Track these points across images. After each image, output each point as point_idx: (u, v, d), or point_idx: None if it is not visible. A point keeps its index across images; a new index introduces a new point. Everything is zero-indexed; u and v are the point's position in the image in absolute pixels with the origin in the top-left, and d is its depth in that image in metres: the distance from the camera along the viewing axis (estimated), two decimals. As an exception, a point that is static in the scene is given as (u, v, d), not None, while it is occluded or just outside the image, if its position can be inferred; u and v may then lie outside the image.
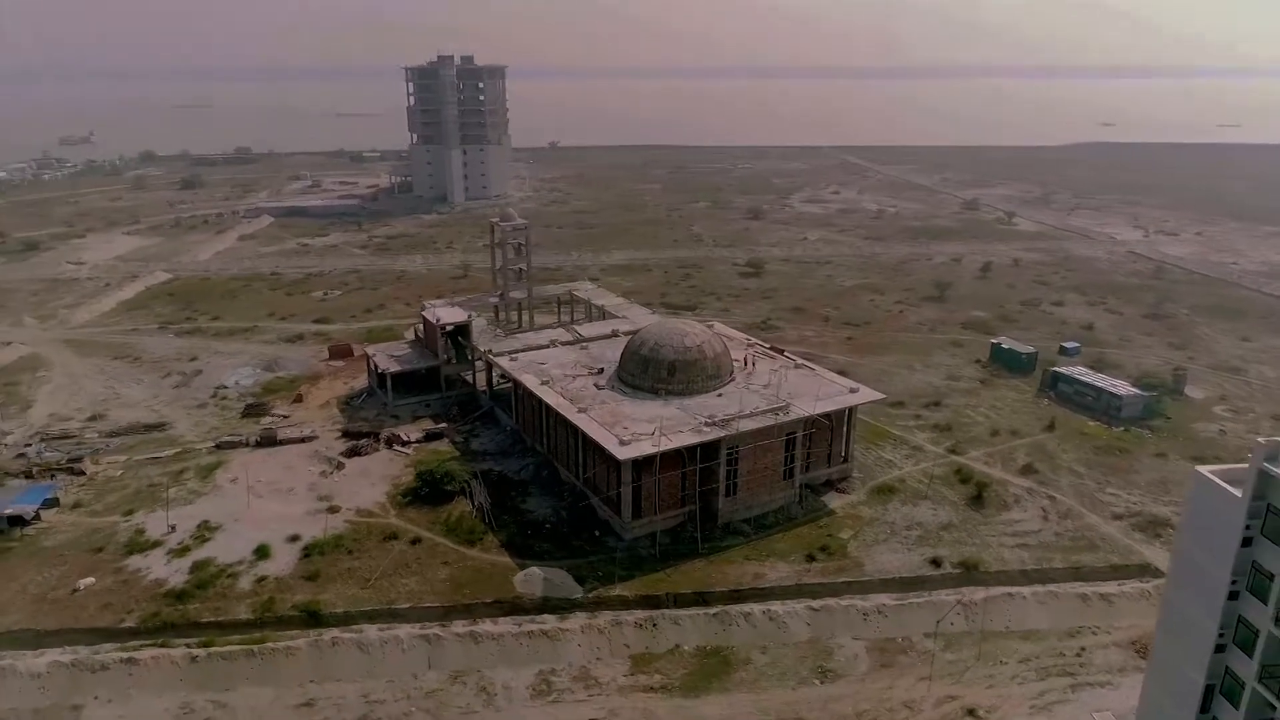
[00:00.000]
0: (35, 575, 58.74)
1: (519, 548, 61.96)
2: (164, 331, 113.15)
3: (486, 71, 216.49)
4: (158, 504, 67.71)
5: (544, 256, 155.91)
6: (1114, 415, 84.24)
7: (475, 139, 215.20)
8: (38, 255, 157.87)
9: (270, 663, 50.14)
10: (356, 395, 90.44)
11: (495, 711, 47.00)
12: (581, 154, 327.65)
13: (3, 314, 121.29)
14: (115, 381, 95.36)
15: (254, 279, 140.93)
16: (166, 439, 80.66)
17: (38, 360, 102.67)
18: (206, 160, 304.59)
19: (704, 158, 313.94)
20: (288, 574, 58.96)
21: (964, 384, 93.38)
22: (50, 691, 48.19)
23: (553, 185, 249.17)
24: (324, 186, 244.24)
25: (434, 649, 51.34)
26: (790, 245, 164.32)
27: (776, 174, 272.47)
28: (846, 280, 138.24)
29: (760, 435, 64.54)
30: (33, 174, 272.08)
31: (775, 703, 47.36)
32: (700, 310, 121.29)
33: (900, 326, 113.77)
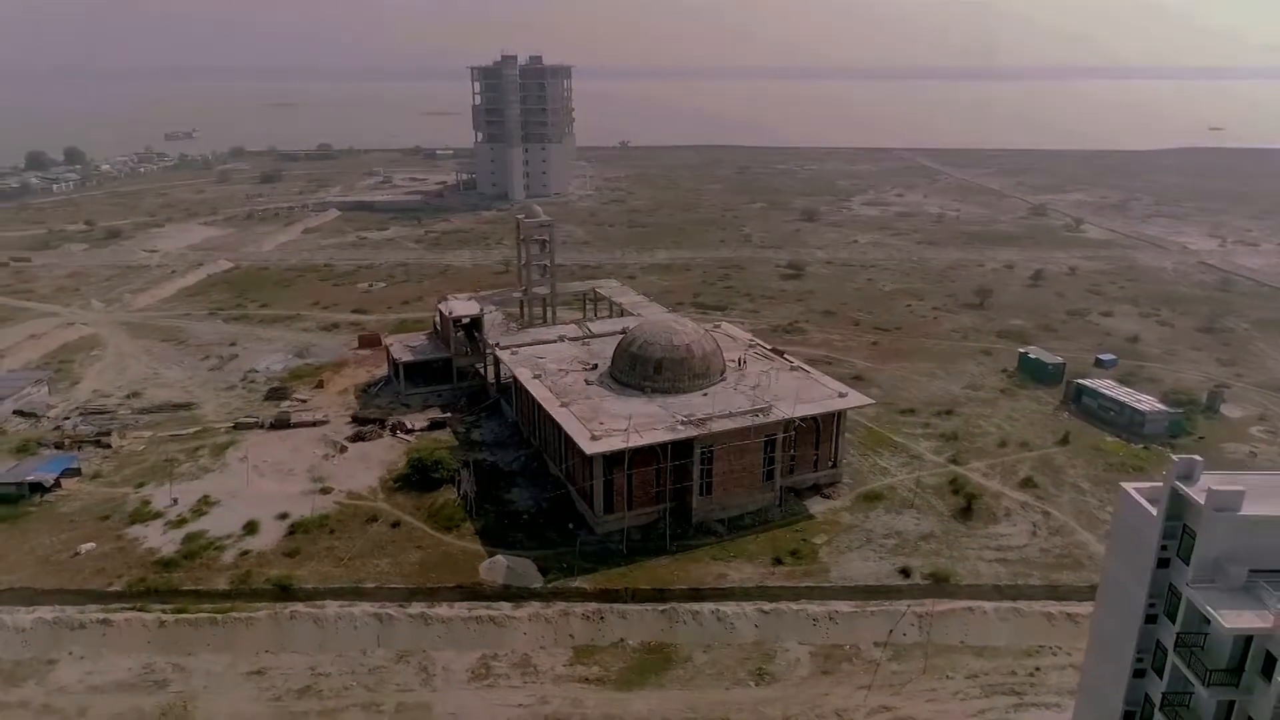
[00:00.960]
0: (44, 538, 63.07)
1: (493, 536, 63.34)
2: (213, 317, 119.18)
3: (550, 71, 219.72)
4: (169, 478, 71.73)
5: (587, 254, 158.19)
6: (1136, 431, 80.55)
7: (537, 137, 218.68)
8: (118, 243, 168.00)
9: (231, 631, 52.74)
10: (375, 383, 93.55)
11: (431, 691, 48.36)
12: (651, 154, 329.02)
13: (75, 296, 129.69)
14: (158, 362, 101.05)
15: (308, 270, 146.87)
16: (191, 418, 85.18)
17: (95, 340, 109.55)
18: (290, 156, 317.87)
19: (773, 158, 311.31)
20: (270, 549, 61.76)
21: (983, 393, 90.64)
22: (31, 645, 51.84)
23: (615, 184, 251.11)
24: (394, 182, 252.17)
25: (385, 628, 53.11)
26: (837, 248, 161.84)
27: (843, 176, 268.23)
28: (887, 284, 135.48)
29: (736, 436, 64.27)
30: (130, 168, 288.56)
31: (705, 702, 47.35)
32: (730, 311, 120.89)
33: (931, 333, 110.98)
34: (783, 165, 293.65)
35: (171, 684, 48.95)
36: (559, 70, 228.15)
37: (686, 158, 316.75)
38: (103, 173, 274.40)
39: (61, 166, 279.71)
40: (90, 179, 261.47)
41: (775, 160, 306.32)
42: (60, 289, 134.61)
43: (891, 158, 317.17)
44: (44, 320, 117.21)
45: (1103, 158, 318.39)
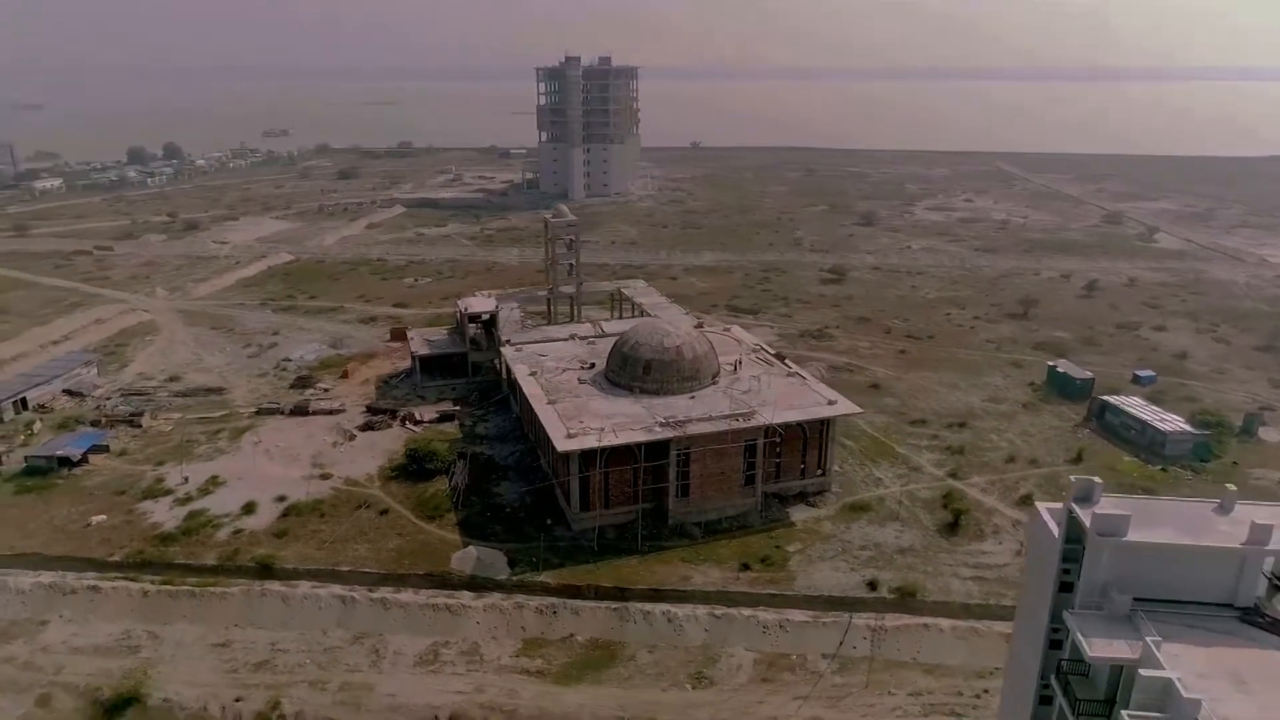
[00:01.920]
0: (63, 509, 67.70)
1: (473, 527, 64.99)
2: (263, 308, 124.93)
3: (614, 72, 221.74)
4: (182, 456, 75.95)
5: (634, 254, 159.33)
6: (1157, 452, 76.84)
7: (599, 138, 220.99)
8: (194, 235, 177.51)
9: (206, 604, 55.71)
10: (397, 375, 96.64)
11: (377, 673, 50.13)
12: (722, 155, 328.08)
13: (144, 284, 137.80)
14: (203, 349, 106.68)
15: (361, 264, 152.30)
16: (220, 402, 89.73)
17: (152, 326, 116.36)
18: (371, 153, 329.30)
19: (846, 161, 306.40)
20: (262, 529, 64.81)
21: (1004, 406, 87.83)
22: (29, 607, 55.86)
23: (679, 185, 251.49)
24: (463, 180, 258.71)
25: (346, 610, 55.21)
26: (888, 253, 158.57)
27: (916, 180, 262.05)
28: (930, 292, 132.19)
29: (714, 440, 64.21)
30: (221, 163, 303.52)
31: (637, 701, 47.71)
32: (762, 314, 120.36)
33: (964, 343, 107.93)
34: (855, 168, 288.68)
35: (143, 650, 52.06)
36: (624, 71, 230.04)
37: (758, 159, 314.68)
38: (196, 168, 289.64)
39: (160, 162, 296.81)
40: (183, 174, 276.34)
41: (848, 163, 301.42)
42: (133, 277, 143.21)
43: (971, 162, 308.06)
44: (111, 306, 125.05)
45: (1198, 164, 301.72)
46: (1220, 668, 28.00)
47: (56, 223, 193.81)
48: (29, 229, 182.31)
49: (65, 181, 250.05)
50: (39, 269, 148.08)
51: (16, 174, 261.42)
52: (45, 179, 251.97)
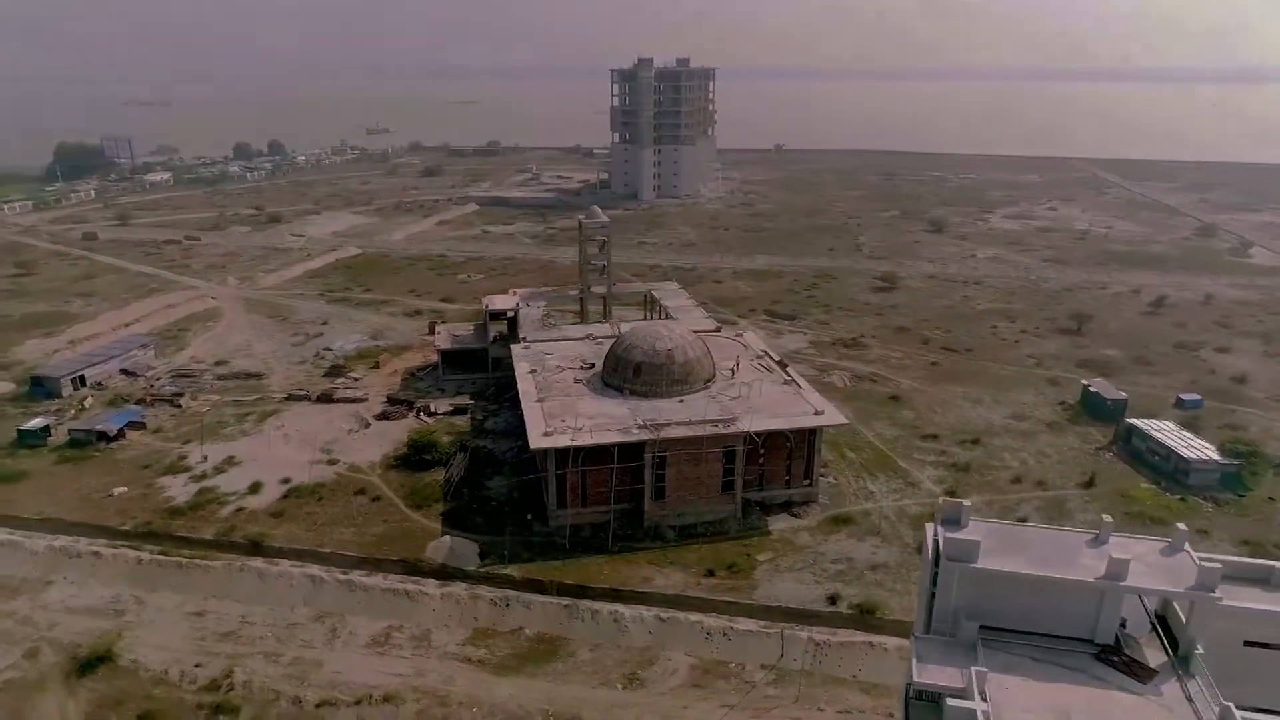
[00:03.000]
0: (92, 479, 73.14)
1: (456, 518, 67.05)
2: (320, 298, 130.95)
3: (687, 74, 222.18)
4: (206, 438, 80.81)
5: (687, 256, 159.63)
6: (1180, 481, 72.69)
7: (670, 139, 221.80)
8: (275, 227, 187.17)
9: (190, 575, 59.42)
10: (425, 368, 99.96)
11: (329, 651, 52.52)
12: (805, 157, 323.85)
13: (218, 273, 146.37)
14: (255, 335, 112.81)
15: (421, 259, 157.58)
16: (257, 386, 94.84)
17: (215, 313, 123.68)
18: (459, 152, 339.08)
19: (930, 165, 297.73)
20: (262, 509, 68.49)
21: (1026, 425, 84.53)
22: (38, 567, 60.78)
23: (752, 187, 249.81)
24: (540, 179, 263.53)
25: (315, 589, 57.93)
26: (949, 262, 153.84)
27: (1001, 186, 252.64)
28: (982, 303, 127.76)
29: (690, 444, 64.37)
30: (317, 160, 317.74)
31: (565, 696, 48.53)
32: (799, 321, 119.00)
33: (1003, 357, 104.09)
34: (938, 173, 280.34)
35: (127, 614, 55.99)
36: (699, 73, 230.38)
37: (840, 162, 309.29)
38: (294, 164, 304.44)
39: (263, 157, 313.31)
40: (280, 169, 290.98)
41: (932, 167, 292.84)
42: (211, 265, 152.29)
43: (1065, 168, 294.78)
44: (184, 292, 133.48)
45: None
46: (1050, 704, 27.05)
47: (158, 213, 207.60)
48: (131, 218, 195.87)
49: (174, 175, 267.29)
50: (131, 256, 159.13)
51: (132, 167, 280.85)
52: (157, 172, 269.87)
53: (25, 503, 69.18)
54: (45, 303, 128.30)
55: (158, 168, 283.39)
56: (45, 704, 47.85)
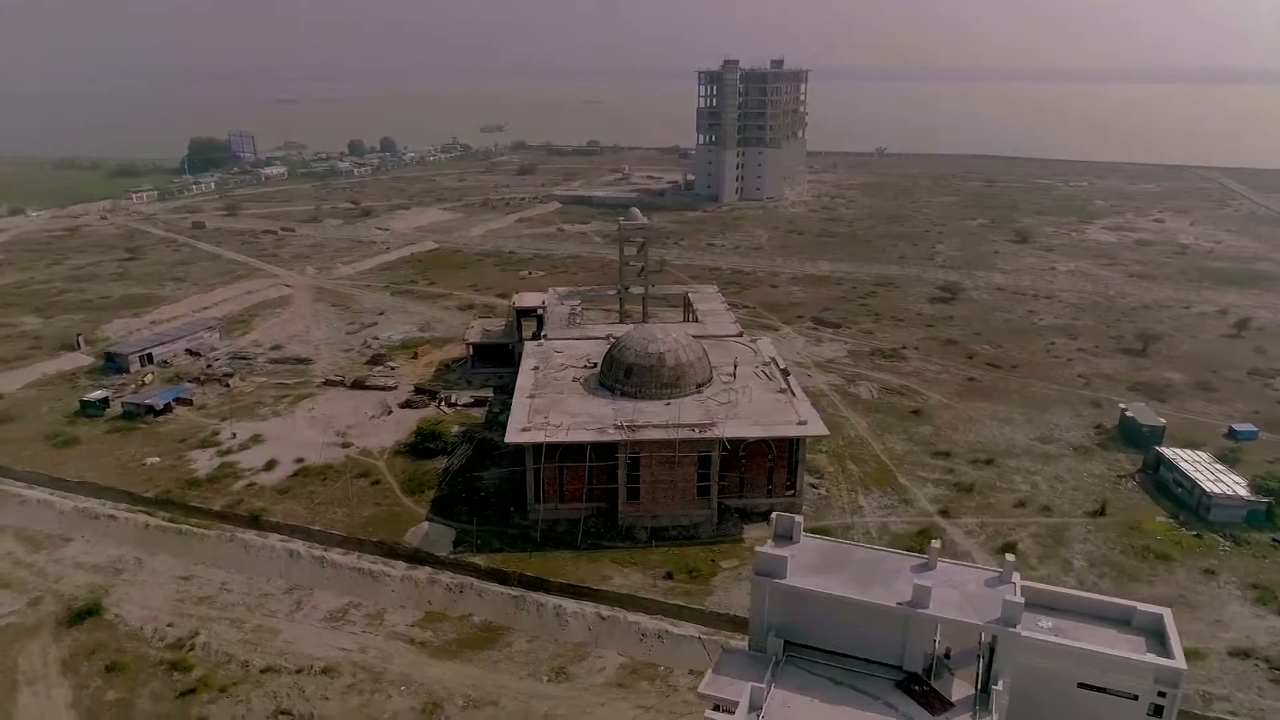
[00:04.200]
0: (132, 449, 79.67)
1: (443, 505, 69.65)
2: (384, 290, 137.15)
3: (774, 76, 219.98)
4: (247, 415, 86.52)
5: (751, 259, 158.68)
6: (1201, 515, 67.89)
7: (754, 141, 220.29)
8: (365, 221, 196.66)
9: (186, 542, 64.16)
10: (459, 361, 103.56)
11: (289, 622, 55.82)
12: (906, 162, 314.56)
13: (302, 262, 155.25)
14: (314, 323, 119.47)
15: (490, 255, 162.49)
16: (302, 371, 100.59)
17: (286, 300, 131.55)
18: (559, 151, 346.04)
19: (1037, 172, 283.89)
20: (271, 485, 73.01)
21: (1051, 447, 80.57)
22: (62, 524, 66.94)
23: (840, 192, 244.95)
24: (630, 180, 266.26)
25: (291, 563, 61.55)
26: (1024, 274, 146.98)
27: (1110, 195, 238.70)
28: (1046, 319, 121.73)
29: (664, 447, 64.75)
30: (421, 157, 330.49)
31: (490, 684, 50.03)
32: (843, 329, 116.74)
33: (1049, 375, 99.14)
34: (1044, 180, 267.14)
35: (125, 573, 61.09)
36: (789, 75, 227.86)
37: (944, 167, 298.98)
38: (402, 160, 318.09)
39: (373, 154, 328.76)
40: (385, 165, 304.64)
41: (1039, 174, 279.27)
42: (297, 255, 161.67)
43: (1188, 176, 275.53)
44: (264, 280, 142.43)
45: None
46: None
47: (265, 205, 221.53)
48: (239, 209, 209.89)
49: (289, 169, 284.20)
50: (230, 244, 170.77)
51: (254, 161, 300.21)
52: (274, 166, 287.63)
53: (70, 466, 76.08)
54: (142, 285, 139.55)
55: (277, 162, 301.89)
56: (32, 648, 52.92)
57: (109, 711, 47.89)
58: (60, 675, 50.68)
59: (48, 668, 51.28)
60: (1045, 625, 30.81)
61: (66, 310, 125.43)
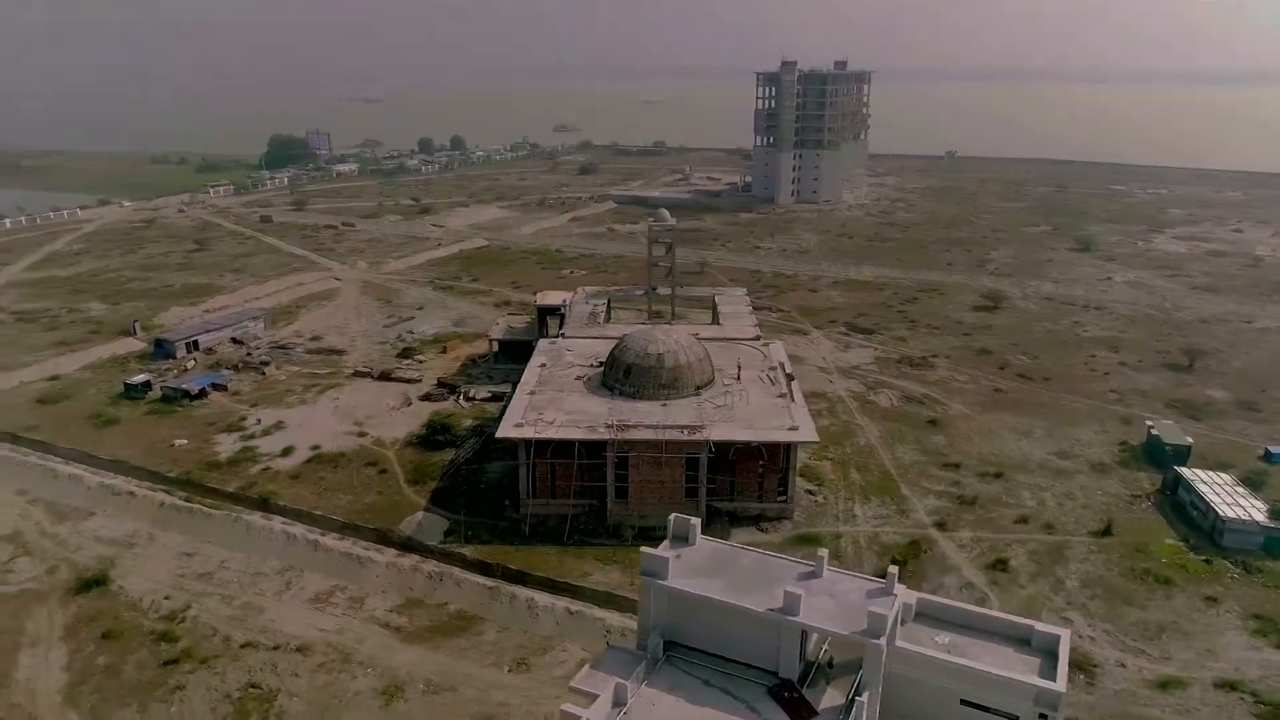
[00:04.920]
0: (165, 431, 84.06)
1: (442, 496, 71.59)
2: (428, 285, 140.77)
3: (833, 77, 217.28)
4: (275, 403, 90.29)
5: (796, 262, 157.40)
6: (1215, 540, 64.98)
7: (812, 143, 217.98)
8: (423, 218, 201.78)
9: (194, 520, 67.54)
10: (485, 356, 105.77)
11: (276, 601, 58.32)
12: (977, 165, 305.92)
13: (356, 256, 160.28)
14: (354, 315, 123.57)
15: (536, 253, 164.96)
16: (335, 361, 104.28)
17: (334, 292, 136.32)
18: (625, 151, 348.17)
19: (1113, 178, 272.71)
20: (284, 470, 76.16)
21: (1067, 463, 78.08)
22: (88, 499, 71.25)
23: (901, 195, 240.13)
24: (690, 181, 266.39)
25: (288, 546, 64.21)
26: (1077, 284, 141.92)
27: (1190, 202, 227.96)
28: (1091, 330, 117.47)
29: (651, 447, 65.23)
30: (488, 155, 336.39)
31: (455, 671, 51.39)
32: (876, 336, 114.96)
33: (1082, 389, 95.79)
34: (1120, 186, 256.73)
35: (137, 547, 64.69)
36: (850, 76, 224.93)
37: (1015, 171, 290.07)
38: (470, 159, 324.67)
39: (443, 152, 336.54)
40: (452, 164, 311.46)
41: (1115, 180, 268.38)
42: (353, 250, 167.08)
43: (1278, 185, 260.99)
44: (316, 273, 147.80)
45: None
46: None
47: (331, 200, 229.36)
48: (306, 204, 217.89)
49: (360, 166, 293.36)
50: (292, 238, 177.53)
51: (328, 158, 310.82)
52: (348, 164, 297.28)
53: (107, 444, 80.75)
54: (204, 275, 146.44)
55: (351, 159, 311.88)
56: (40, 613, 56.66)
57: (97, 676, 50.98)
58: (61, 640, 54.15)
59: (51, 632, 54.84)
60: (941, 640, 30.44)
61: (131, 297, 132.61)
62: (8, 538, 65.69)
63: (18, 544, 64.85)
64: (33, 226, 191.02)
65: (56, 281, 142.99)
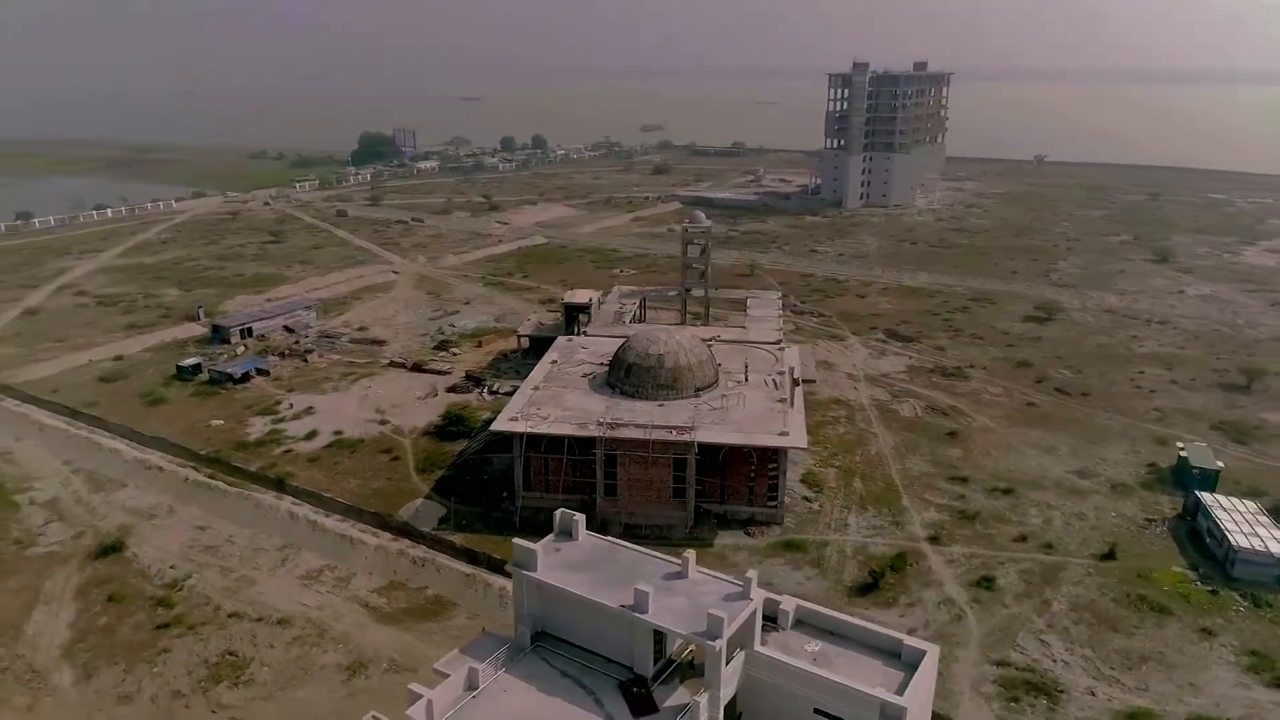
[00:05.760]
0: (205, 411, 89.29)
1: (445, 485, 74.04)
2: (480, 281, 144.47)
3: (906, 78, 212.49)
4: (311, 389, 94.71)
5: (845, 267, 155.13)
6: (1226, 570, 61.70)
7: (883, 146, 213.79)
8: (489, 215, 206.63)
9: (210, 496, 71.79)
10: (517, 351, 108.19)
11: (269, 576, 61.57)
12: (1067, 171, 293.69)
13: (418, 251, 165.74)
14: (403, 308, 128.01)
15: (592, 252, 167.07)
16: (374, 351, 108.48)
17: (389, 285, 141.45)
18: (702, 151, 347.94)
19: (1213, 185, 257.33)
20: (304, 453, 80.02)
21: (1086, 482, 75.15)
22: (123, 471, 76.49)
23: (978, 200, 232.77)
24: (762, 182, 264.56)
25: (291, 524, 67.58)
26: (1143, 296, 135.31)
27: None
28: (1148, 345, 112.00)
29: (638, 447, 65.96)
30: (565, 155, 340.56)
31: (418, 653, 53.08)
32: (914, 344, 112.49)
33: (1121, 406, 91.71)
34: (1220, 195, 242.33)
35: (155, 519, 69.19)
36: (926, 77, 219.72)
37: (1104, 177, 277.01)
38: (548, 158, 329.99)
39: (523, 151, 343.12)
40: (529, 162, 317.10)
41: (1216, 188, 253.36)
42: (416, 245, 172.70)
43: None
44: (376, 266, 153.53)
45: None
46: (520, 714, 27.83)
47: (407, 196, 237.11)
48: (382, 199, 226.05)
49: (440, 164, 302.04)
50: (362, 232, 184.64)
51: (412, 156, 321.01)
52: (430, 160, 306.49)
53: (151, 422, 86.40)
54: (274, 266, 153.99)
55: (435, 156, 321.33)
56: (59, 574, 61.37)
57: (96, 634, 55.03)
58: (72, 599, 58.61)
59: (65, 592, 59.39)
60: (812, 649, 30.47)
61: (204, 285, 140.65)
62: (47, 504, 71.21)
63: (54, 510, 70.24)
64: (131, 216, 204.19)
65: (141, 268, 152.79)
